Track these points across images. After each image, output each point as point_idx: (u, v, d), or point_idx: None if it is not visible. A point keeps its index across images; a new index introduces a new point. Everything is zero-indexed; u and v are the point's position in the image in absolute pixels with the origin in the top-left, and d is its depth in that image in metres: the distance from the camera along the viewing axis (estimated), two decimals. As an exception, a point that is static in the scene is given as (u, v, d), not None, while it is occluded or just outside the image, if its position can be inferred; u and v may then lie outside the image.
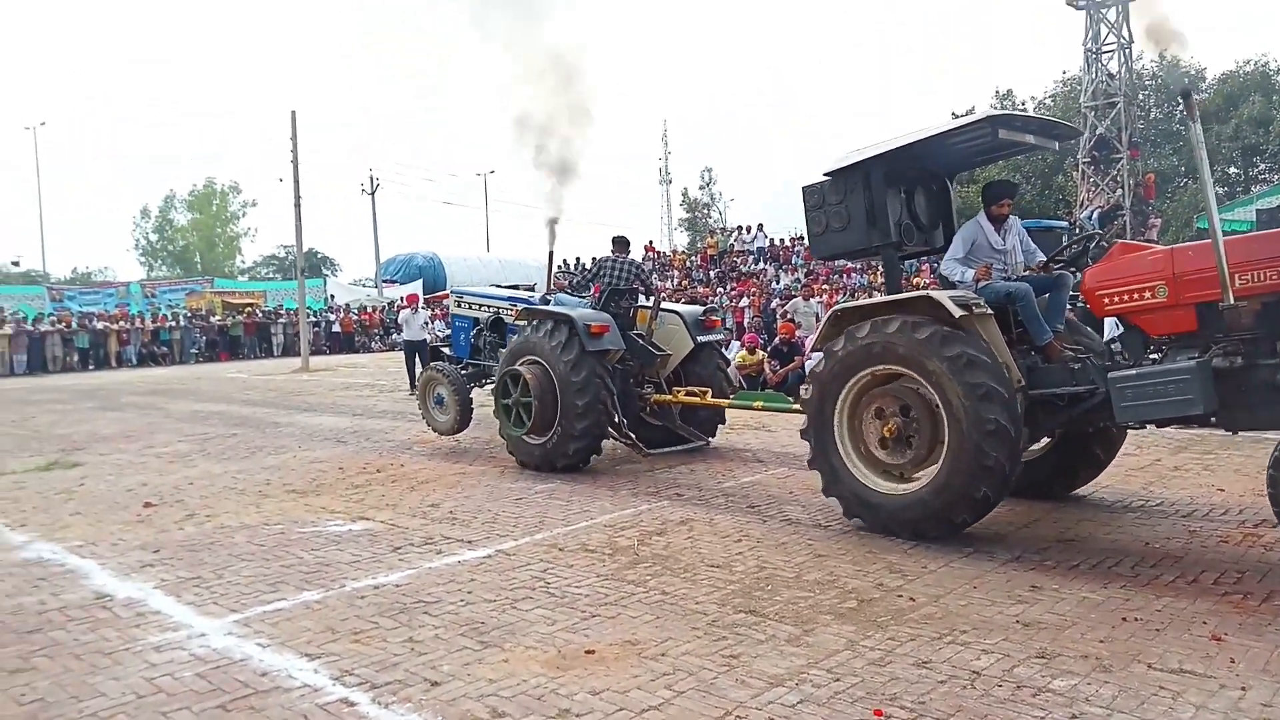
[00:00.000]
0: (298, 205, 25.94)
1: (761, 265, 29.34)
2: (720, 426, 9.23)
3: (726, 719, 3.18)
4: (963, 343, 5.16)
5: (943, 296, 5.33)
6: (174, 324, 31.15)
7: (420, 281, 36.60)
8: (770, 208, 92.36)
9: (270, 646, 3.98)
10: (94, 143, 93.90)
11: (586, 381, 7.68)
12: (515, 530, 5.98)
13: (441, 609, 4.43)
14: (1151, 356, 5.22)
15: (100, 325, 29.06)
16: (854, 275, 25.14)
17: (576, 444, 7.77)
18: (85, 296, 35.55)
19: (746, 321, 19.11)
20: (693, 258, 34.30)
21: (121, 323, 29.74)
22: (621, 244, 9.29)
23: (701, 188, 60.82)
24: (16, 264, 53.13)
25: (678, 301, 16.79)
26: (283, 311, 34.55)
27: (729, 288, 25.55)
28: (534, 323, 8.23)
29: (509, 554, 5.40)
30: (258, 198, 66.38)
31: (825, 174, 6.28)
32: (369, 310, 36.44)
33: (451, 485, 7.59)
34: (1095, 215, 26.65)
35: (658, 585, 4.70)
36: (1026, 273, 6.09)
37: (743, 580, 4.75)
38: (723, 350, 9.39)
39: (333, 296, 39.57)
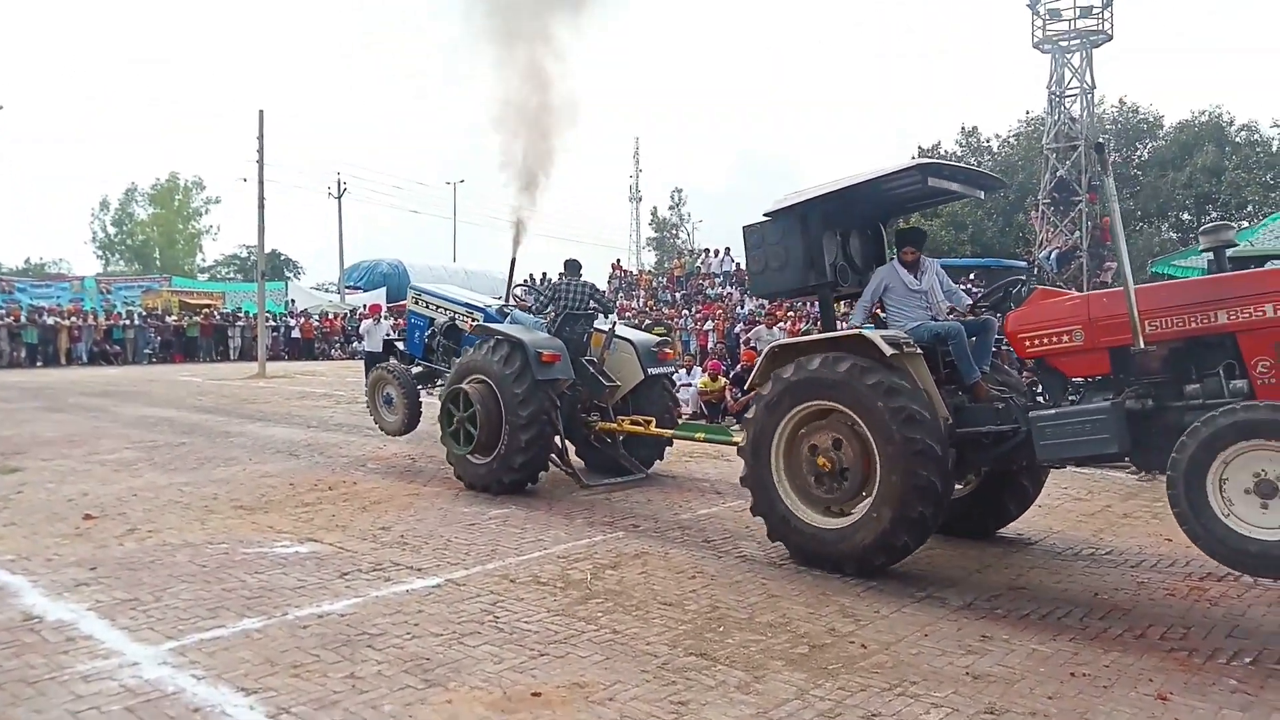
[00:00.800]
0: (261, 205, 25.60)
1: (728, 289, 29.47)
2: (671, 455, 9.25)
3: (672, 772, 3.12)
4: (882, 373, 5.35)
5: (874, 335, 5.50)
6: (128, 322, 30.48)
7: (384, 290, 36.18)
8: (739, 232, 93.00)
9: (205, 679, 3.85)
10: (54, 129, 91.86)
11: (533, 414, 7.69)
12: (467, 558, 5.87)
13: (386, 642, 4.32)
14: (1071, 398, 5.42)
15: (51, 320, 28.31)
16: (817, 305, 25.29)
17: (516, 472, 7.80)
18: (37, 290, 34.69)
19: (710, 346, 19.15)
20: (659, 278, 34.39)
21: (73, 319, 29.02)
22: (573, 268, 9.24)
23: (671, 208, 61.13)
24: (-34, 253, 51.63)
25: (642, 323, 16.80)
26: (241, 314, 33.96)
27: (694, 310, 25.59)
28: (486, 342, 8.17)
29: (459, 584, 5.30)
30: (221, 195, 65.19)
31: (765, 214, 6.46)
32: (330, 317, 35.96)
33: (404, 507, 7.46)
34: (1054, 255, 27.21)
35: (609, 623, 4.64)
36: (952, 316, 6.27)
37: (695, 620, 4.70)
38: (672, 381, 9.40)
39: (293, 301, 39.02)
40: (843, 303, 7.73)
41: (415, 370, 9.90)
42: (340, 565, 5.65)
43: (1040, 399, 5.68)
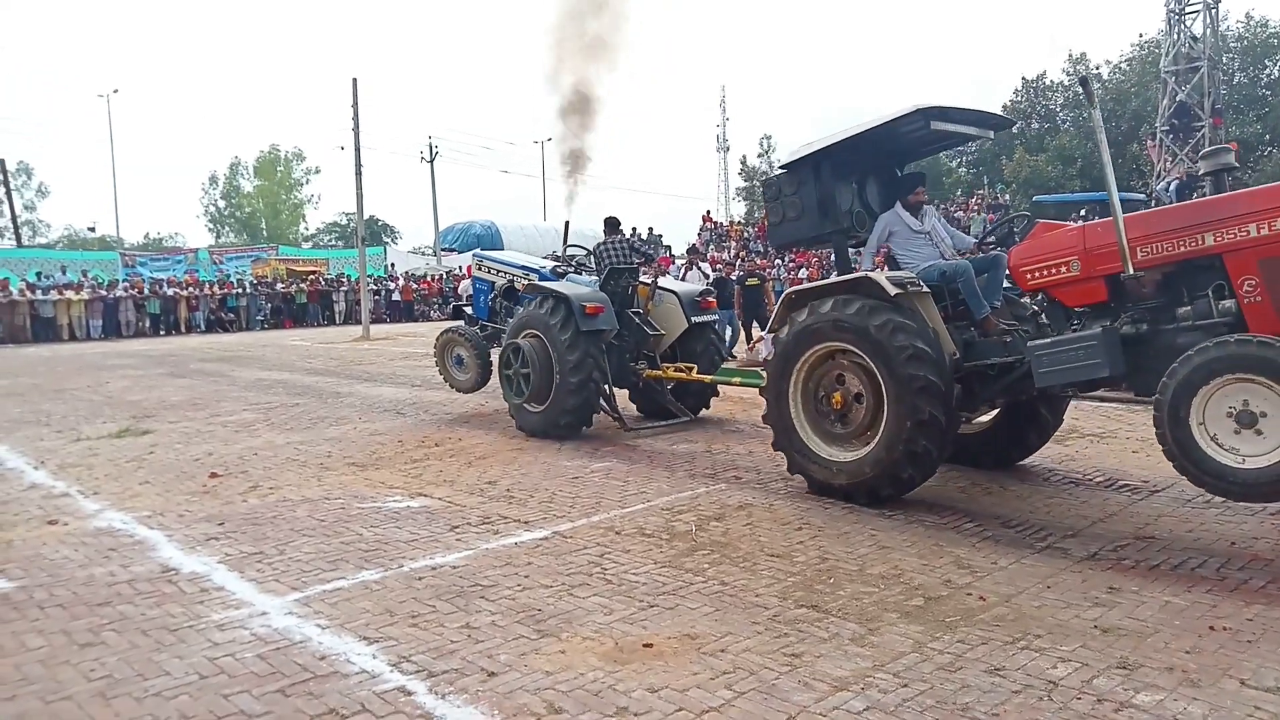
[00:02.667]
0: (358, 173, 26.22)
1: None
2: (704, 410, 9.64)
3: (789, 724, 3.08)
4: (889, 313, 5.61)
5: (880, 277, 5.78)
6: (240, 291, 31.88)
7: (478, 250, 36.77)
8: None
9: (329, 629, 3.99)
10: (165, 109, 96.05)
11: (580, 360, 8.25)
12: (572, 511, 5.94)
13: (498, 594, 4.40)
14: (1073, 326, 5.56)
15: (170, 292, 29.88)
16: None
17: (567, 416, 8.37)
18: (156, 263, 36.55)
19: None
20: (750, 228, 33.86)
21: (191, 289, 30.55)
22: (612, 225, 9.78)
23: (760, 155, 59.95)
24: (92, 229, 55.00)
25: (732, 275, 16.71)
26: (344, 279, 35.10)
27: (787, 260, 25.13)
28: (537, 299, 8.77)
29: (565, 536, 5.36)
30: (321, 164, 67.35)
31: (780, 167, 6.75)
32: (428, 279, 36.80)
33: (508, 462, 7.59)
34: (1173, 186, 25.56)
35: (716, 575, 4.61)
36: (962, 256, 6.42)
37: (804, 572, 4.63)
38: (717, 330, 9.81)
39: (393, 265, 40.07)
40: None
41: (482, 332, 10.27)
42: (450, 519, 5.79)
43: (1049, 331, 5.79)
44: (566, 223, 10.80)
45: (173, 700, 3.34)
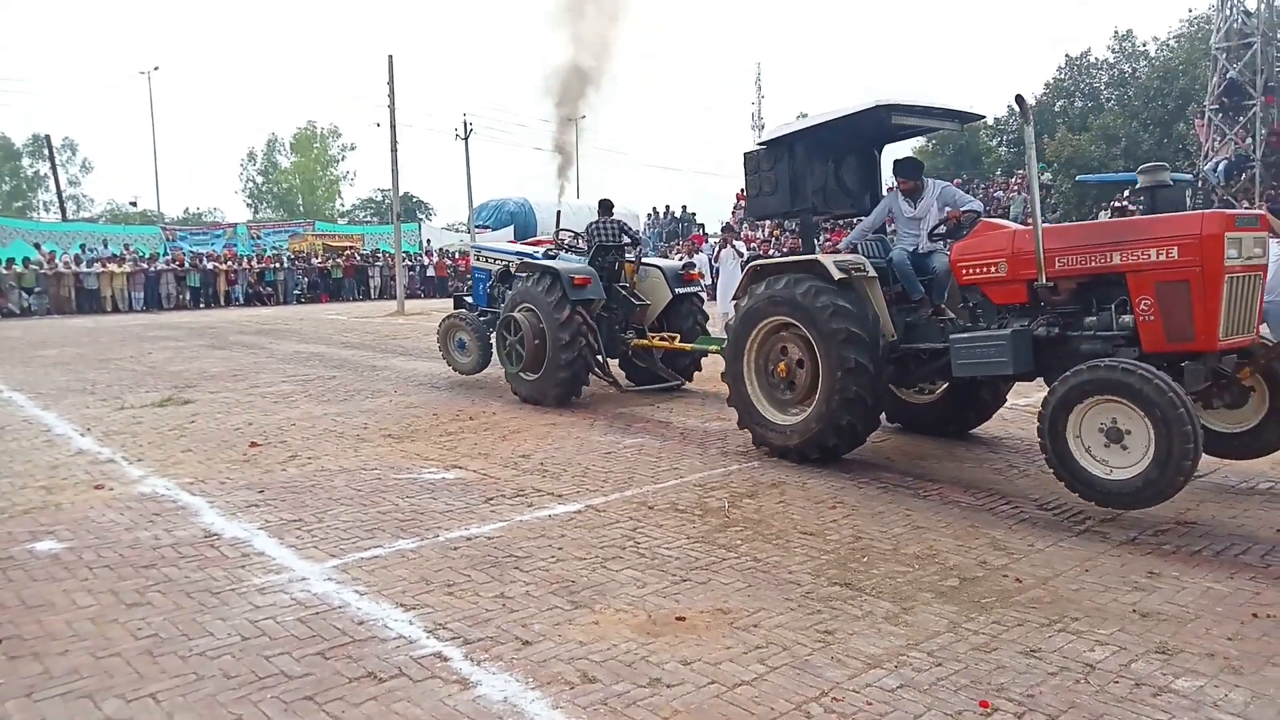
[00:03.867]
0: (394, 150, 26.33)
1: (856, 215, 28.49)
2: (697, 372, 10.23)
3: (822, 699, 3.08)
4: (832, 295, 6.14)
5: (828, 260, 6.27)
6: (278, 265, 32.26)
7: (511, 228, 36.79)
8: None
9: (367, 595, 4.06)
10: (205, 87, 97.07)
11: (571, 333, 8.78)
12: (605, 485, 5.96)
13: (532, 564, 4.44)
14: (1000, 321, 5.95)
15: (210, 265, 30.32)
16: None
17: (560, 382, 8.92)
18: (196, 237, 37.11)
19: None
20: (785, 207, 33.57)
21: (230, 263, 30.97)
22: (605, 207, 10.38)
23: (797, 134, 59.18)
24: (134, 204, 55.77)
25: (768, 253, 16.77)
26: (379, 255, 35.38)
27: (822, 238, 24.90)
28: (529, 274, 9.36)
29: (599, 510, 5.39)
30: (356, 141, 67.74)
31: (758, 143, 7.17)
32: (461, 255, 36.95)
33: (541, 436, 7.63)
34: (1221, 167, 24.91)
35: (749, 551, 4.62)
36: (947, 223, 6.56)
37: (837, 550, 4.62)
38: (700, 300, 10.26)
39: (428, 241, 40.28)
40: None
41: (482, 318, 10.79)
42: (484, 491, 5.84)
43: (979, 324, 6.16)
44: (559, 213, 11.35)
45: (216, 660, 3.42)
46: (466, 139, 45.77)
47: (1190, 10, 36.40)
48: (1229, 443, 5.61)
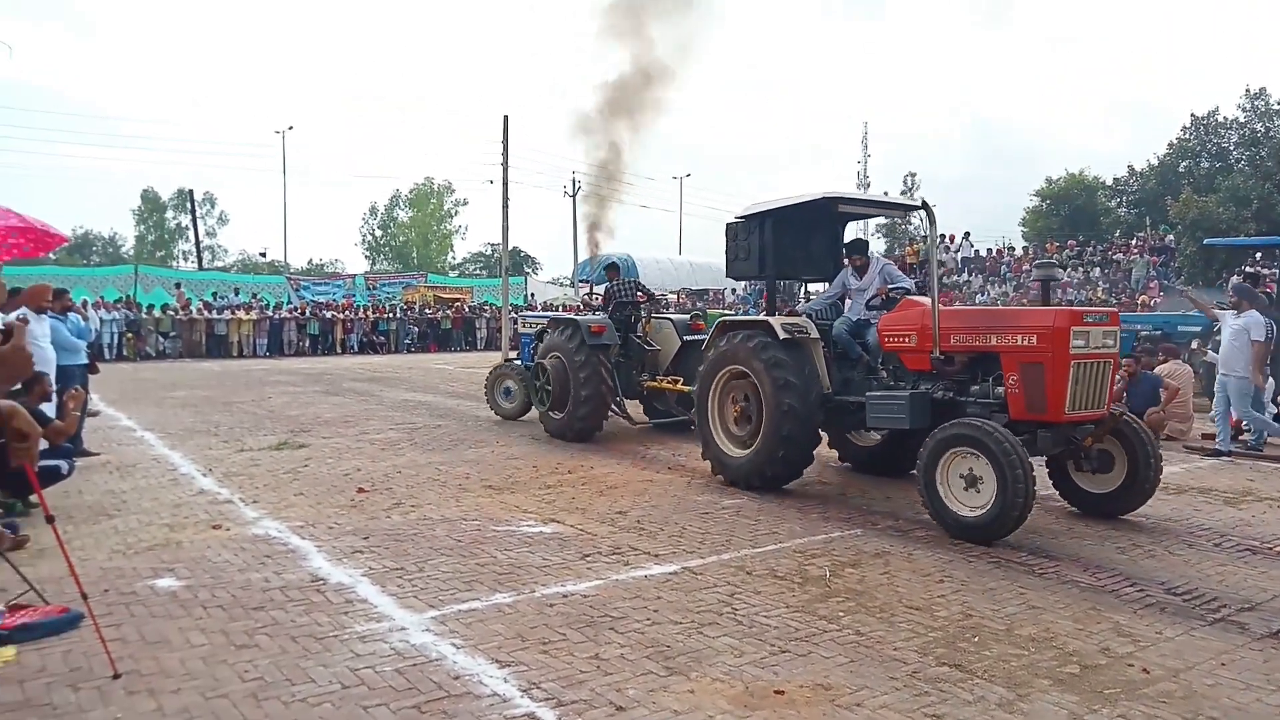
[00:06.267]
0: (505, 206, 27.18)
1: (966, 276, 27.80)
2: None
3: (930, 790, 2.91)
4: (776, 350, 7.36)
5: (776, 323, 7.48)
6: (391, 315, 33.55)
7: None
8: (975, 218, 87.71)
9: (464, 649, 4.07)
10: (332, 143, 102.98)
11: (589, 376, 10.24)
12: (701, 547, 5.87)
13: (628, 626, 4.39)
14: (914, 384, 7.07)
15: (329, 314, 31.77)
16: (1070, 290, 23.37)
17: (582, 417, 10.31)
18: (317, 287, 38.97)
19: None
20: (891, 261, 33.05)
21: (347, 313, 32.38)
22: (614, 268, 12.27)
23: (903, 193, 58.56)
24: (264, 254, 59.23)
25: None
26: (486, 307, 36.40)
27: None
28: (557, 328, 11.01)
29: (695, 572, 5.30)
30: (469, 197, 70.50)
31: (735, 217, 8.34)
32: (566, 308, 37.66)
33: (639, 493, 7.60)
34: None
35: (852, 624, 4.44)
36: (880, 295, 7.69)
37: (946, 628, 4.40)
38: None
39: (533, 295, 41.26)
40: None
41: (527, 369, 12.14)
42: (581, 547, 5.83)
43: (894, 385, 7.32)
44: (589, 279, 12.67)
45: (316, 707, 3.48)
46: (574, 196, 47.01)
47: (1329, 65, 34.49)
48: (1098, 502, 6.69)
